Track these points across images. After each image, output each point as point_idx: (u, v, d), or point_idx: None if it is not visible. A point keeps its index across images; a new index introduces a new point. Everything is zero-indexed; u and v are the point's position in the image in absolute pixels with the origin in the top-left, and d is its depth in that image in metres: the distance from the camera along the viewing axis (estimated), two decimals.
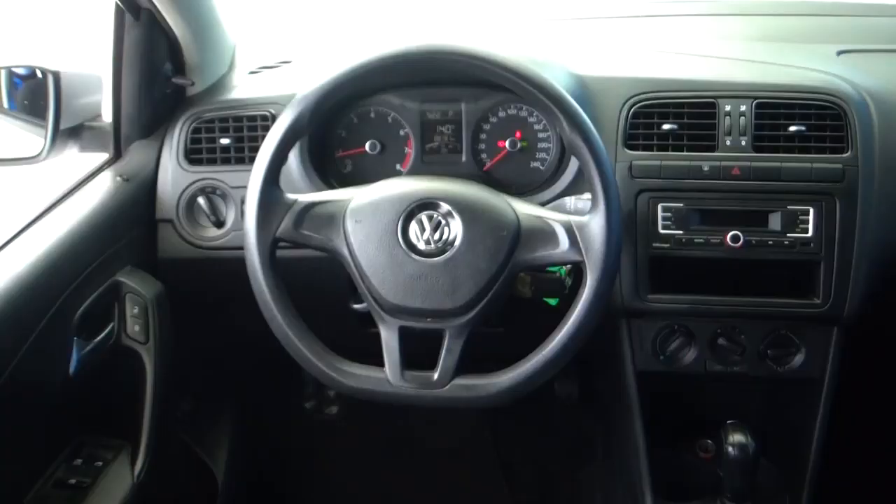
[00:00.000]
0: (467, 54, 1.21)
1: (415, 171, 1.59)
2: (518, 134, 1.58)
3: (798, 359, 1.53)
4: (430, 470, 2.34)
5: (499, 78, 1.21)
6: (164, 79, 1.62)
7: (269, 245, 1.24)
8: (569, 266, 1.39)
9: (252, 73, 1.75)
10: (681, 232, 1.47)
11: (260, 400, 2.24)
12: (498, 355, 1.28)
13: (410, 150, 1.60)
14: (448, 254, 1.22)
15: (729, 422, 1.47)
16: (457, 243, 1.22)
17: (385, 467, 2.34)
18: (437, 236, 1.23)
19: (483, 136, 1.59)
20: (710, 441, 1.68)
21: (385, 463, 2.35)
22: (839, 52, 1.73)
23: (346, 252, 1.24)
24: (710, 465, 1.62)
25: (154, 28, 1.55)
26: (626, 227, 1.47)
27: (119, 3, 1.50)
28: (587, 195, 1.24)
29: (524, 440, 2.37)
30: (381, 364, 1.25)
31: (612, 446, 1.91)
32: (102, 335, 1.44)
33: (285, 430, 2.36)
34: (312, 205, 1.26)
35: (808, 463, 1.55)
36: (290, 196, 1.27)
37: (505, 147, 1.58)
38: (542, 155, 1.59)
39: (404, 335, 1.24)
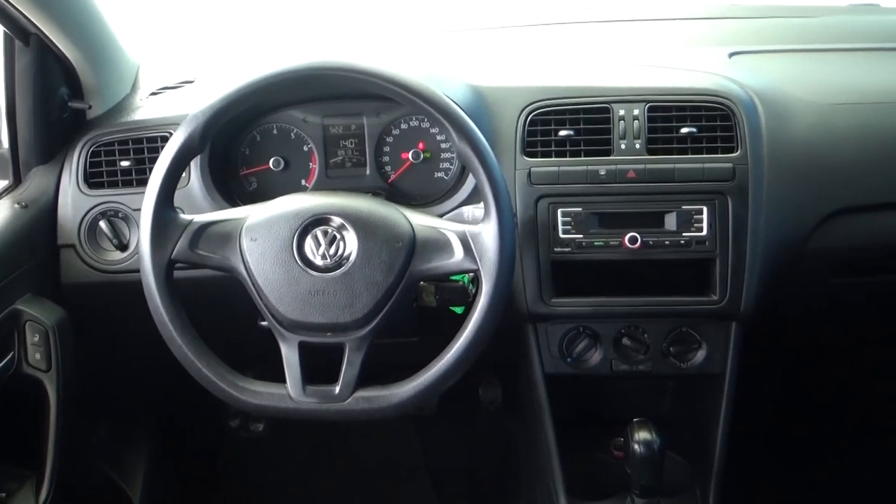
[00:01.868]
0: (352, 69, 1.22)
1: (319, 186, 1.60)
2: (421, 145, 1.59)
3: (700, 355, 1.57)
4: (360, 481, 2.34)
5: (385, 91, 1.23)
6: (60, 103, 1.60)
7: (165, 267, 1.24)
8: (471, 274, 1.41)
9: (153, 93, 1.73)
10: (580, 236, 1.50)
11: (181, 421, 2.22)
12: (414, 364, 1.28)
13: (315, 165, 1.61)
14: (344, 268, 1.23)
15: (635, 419, 1.49)
16: (352, 257, 1.23)
17: (314, 481, 2.34)
18: (332, 251, 1.23)
19: (386, 149, 1.61)
20: (622, 439, 1.70)
21: (314, 477, 2.34)
22: (731, 54, 1.78)
23: (243, 271, 1.25)
24: (623, 462, 1.65)
25: (45, 53, 1.53)
26: (528, 233, 1.50)
27: (6, 29, 1.48)
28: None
29: (452, 447, 2.38)
30: None
31: (530, 449, 1.93)
32: (1, 365, 1.42)
33: (210, 449, 2.34)
34: (208, 224, 1.26)
35: (714, 456, 1.58)
36: (186, 216, 1.27)
37: (408, 159, 1.59)
38: (446, 165, 1.61)
39: (305, 350, 1.25)
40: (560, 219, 1.50)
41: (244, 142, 1.61)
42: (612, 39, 1.95)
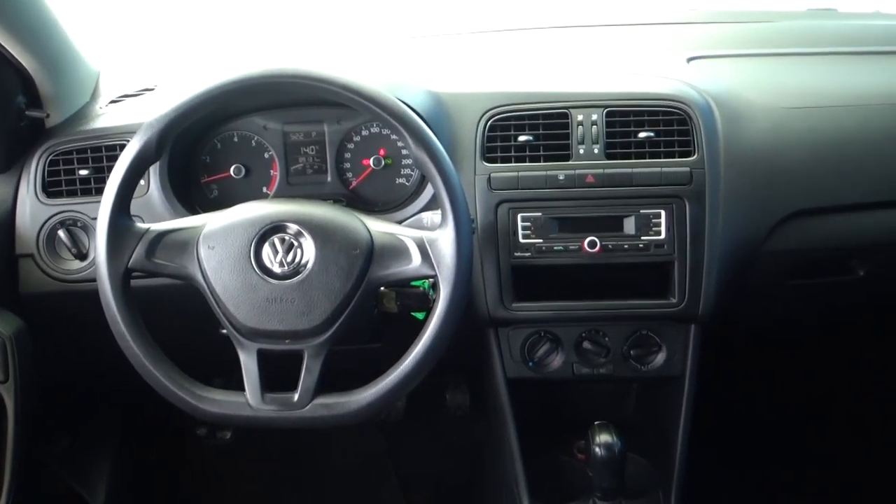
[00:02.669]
0: (307, 76, 1.22)
1: (281, 194, 1.60)
2: (382, 152, 1.60)
3: (660, 357, 1.58)
4: (329, 489, 2.34)
5: (340, 98, 1.23)
6: (17, 112, 1.59)
7: (122, 276, 1.23)
8: (432, 280, 1.41)
9: (113, 101, 1.72)
10: (540, 240, 1.51)
11: (146, 430, 2.20)
12: (378, 370, 1.28)
13: (276, 173, 1.61)
14: (302, 275, 1.22)
15: (596, 422, 1.50)
16: (310, 264, 1.23)
17: (282, 488, 2.33)
18: (290, 258, 1.23)
19: (347, 156, 1.61)
20: (584, 442, 1.71)
21: (282, 483, 2.33)
22: (689, 59, 1.79)
23: (200, 279, 1.24)
24: (586, 465, 1.65)
25: (0, 61, 1.52)
26: (488, 238, 1.51)
27: None
28: None
29: (419, 452, 2.38)
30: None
31: (494, 452, 1.94)
32: None
33: (176, 459, 2.32)
34: (165, 233, 1.26)
35: (675, 457, 1.59)
36: (142, 225, 1.26)
37: (369, 165, 1.60)
38: (407, 171, 1.61)
39: (264, 358, 1.24)
40: (520, 224, 1.51)
41: (205, 149, 1.61)
42: (571, 45, 1.96)
